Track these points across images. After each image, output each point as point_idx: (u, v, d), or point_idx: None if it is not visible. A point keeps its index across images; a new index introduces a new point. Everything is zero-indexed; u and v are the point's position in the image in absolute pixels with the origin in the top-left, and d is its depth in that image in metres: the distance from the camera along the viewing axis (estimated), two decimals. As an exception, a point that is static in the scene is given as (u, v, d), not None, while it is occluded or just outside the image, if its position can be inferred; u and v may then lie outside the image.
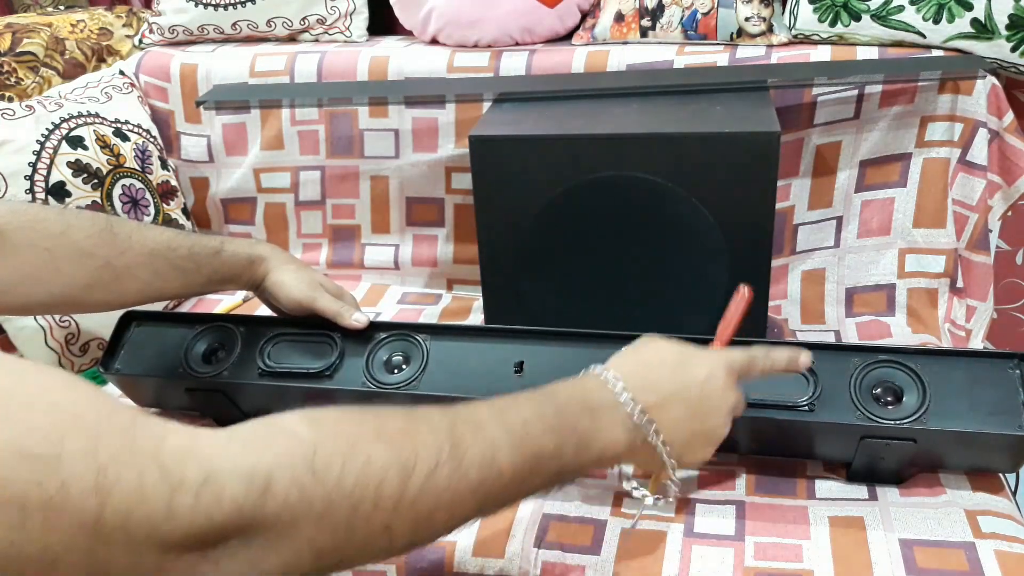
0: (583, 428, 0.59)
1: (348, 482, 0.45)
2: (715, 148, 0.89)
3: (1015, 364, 0.77)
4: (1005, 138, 1.11)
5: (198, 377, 0.92)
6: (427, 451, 0.49)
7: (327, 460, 0.45)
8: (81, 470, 0.38)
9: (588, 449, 0.59)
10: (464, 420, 0.53)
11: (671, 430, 0.64)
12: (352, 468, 0.46)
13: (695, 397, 0.65)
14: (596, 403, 0.61)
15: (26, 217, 0.75)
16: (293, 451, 0.45)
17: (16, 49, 1.34)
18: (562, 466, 0.57)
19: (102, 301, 0.81)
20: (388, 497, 0.47)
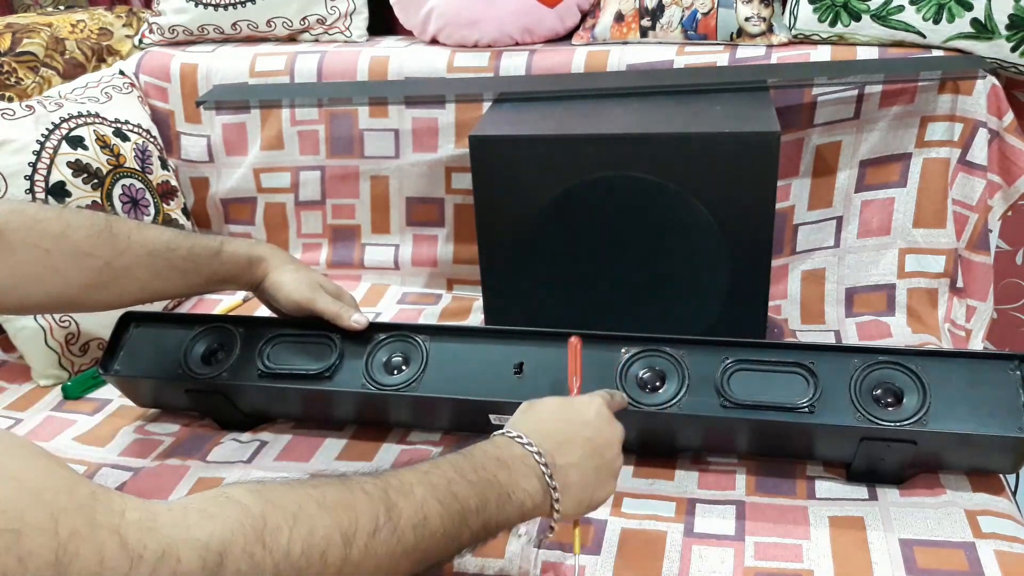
0: (501, 481, 0.61)
1: (295, 552, 0.47)
2: (715, 148, 0.89)
3: (1015, 365, 0.77)
4: (1005, 138, 1.11)
5: (197, 378, 0.92)
6: (365, 518, 0.51)
7: (275, 531, 0.47)
8: (40, 545, 0.38)
9: (509, 500, 0.61)
10: (395, 486, 0.55)
11: (574, 473, 0.66)
12: (298, 537, 0.47)
13: (587, 437, 0.68)
14: (507, 457, 0.63)
15: (25, 217, 0.74)
16: (244, 522, 0.46)
17: (16, 49, 1.34)
18: (486, 520, 0.59)
19: (101, 301, 0.81)
20: (332, 564, 0.49)
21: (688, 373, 0.81)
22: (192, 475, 0.88)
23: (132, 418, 1.01)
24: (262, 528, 0.46)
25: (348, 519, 0.50)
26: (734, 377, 0.81)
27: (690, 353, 0.82)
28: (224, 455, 0.92)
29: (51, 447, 0.96)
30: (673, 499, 0.81)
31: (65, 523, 0.39)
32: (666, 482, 0.84)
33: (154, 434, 0.98)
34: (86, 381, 1.08)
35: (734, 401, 0.79)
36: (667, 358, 0.83)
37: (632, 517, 0.79)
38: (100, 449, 0.96)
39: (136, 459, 0.93)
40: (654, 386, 0.82)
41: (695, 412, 0.80)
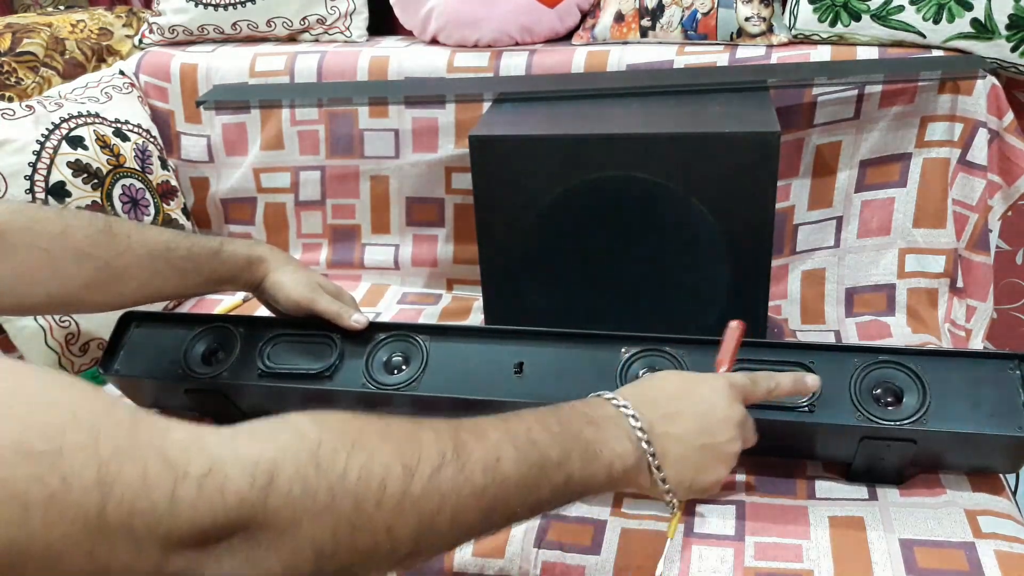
0: (587, 437, 0.58)
1: (351, 477, 0.45)
2: (715, 148, 0.89)
3: (1015, 365, 0.77)
4: (1005, 138, 1.11)
5: (197, 378, 0.92)
6: (430, 451, 0.49)
7: (331, 454, 0.45)
8: (82, 465, 0.37)
9: (596, 459, 0.58)
10: (467, 428, 0.53)
11: (677, 446, 0.63)
12: (355, 463, 0.45)
13: (700, 412, 0.65)
14: (598, 416, 0.61)
15: (24, 217, 0.74)
16: (297, 445, 0.45)
17: (16, 49, 1.34)
18: (569, 476, 0.56)
19: (101, 301, 0.81)
20: (391, 495, 0.46)
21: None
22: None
23: (132, 418, 1.01)
24: (316, 450, 0.45)
25: (411, 450, 0.48)
26: (734, 377, 0.81)
27: (690, 353, 0.82)
28: (224, 455, 0.92)
29: (51, 447, 0.96)
30: (673, 499, 0.81)
31: (106, 441, 0.38)
32: (666, 482, 0.84)
33: (154, 434, 0.98)
34: (86, 381, 1.08)
35: (734, 401, 0.79)
36: (667, 358, 0.83)
37: (632, 517, 0.79)
38: (100, 449, 0.95)
39: (136, 459, 0.93)
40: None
41: (695, 412, 0.80)
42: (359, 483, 0.45)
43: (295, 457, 0.44)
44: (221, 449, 0.42)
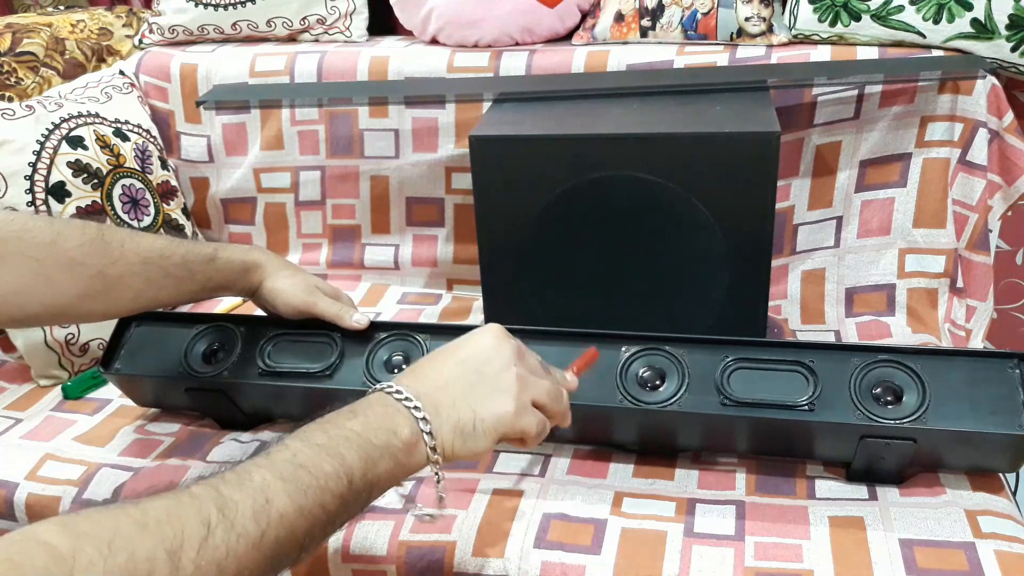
0: (356, 431, 0.58)
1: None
2: (715, 148, 0.89)
3: (1015, 364, 0.77)
4: (1005, 138, 1.11)
5: (198, 377, 0.92)
6: (192, 524, 0.47)
7: (87, 567, 0.43)
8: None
9: (373, 447, 0.57)
10: (229, 479, 0.51)
11: (445, 394, 0.62)
12: (115, 567, 0.43)
13: (465, 355, 0.65)
14: (361, 405, 0.60)
15: (14, 227, 0.73)
16: (50, 568, 0.42)
17: (16, 49, 1.34)
18: (351, 479, 0.56)
19: (96, 311, 0.80)
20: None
21: (688, 371, 0.81)
22: (192, 475, 0.88)
23: (132, 418, 1.01)
24: (71, 569, 0.42)
25: (172, 532, 0.46)
26: (734, 375, 0.81)
27: (690, 352, 0.82)
28: (224, 455, 0.92)
29: (51, 447, 0.96)
30: (673, 499, 0.81)
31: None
32: (666, 482, 0.84)
33: (154, 434, 0.98)
34: (86, 381, 1.08)
35: (734, 399, 0.79)
36: (667, 356, 0.83)
37: (632, 517, 0.79)
38: (100, 449, 0.96)
39: (136, 459, 0.93)
40: (654, 384, 0.82)
41: (695, 410, 0.80)
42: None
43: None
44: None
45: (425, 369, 0.65)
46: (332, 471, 0.55)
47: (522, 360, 0.67)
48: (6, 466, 0.93)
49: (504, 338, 0.67)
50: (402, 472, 0.60)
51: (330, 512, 0.54)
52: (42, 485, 0.90)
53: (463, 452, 0.63)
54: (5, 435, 0.99)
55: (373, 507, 0.67)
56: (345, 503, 0.56)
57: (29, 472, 0.92)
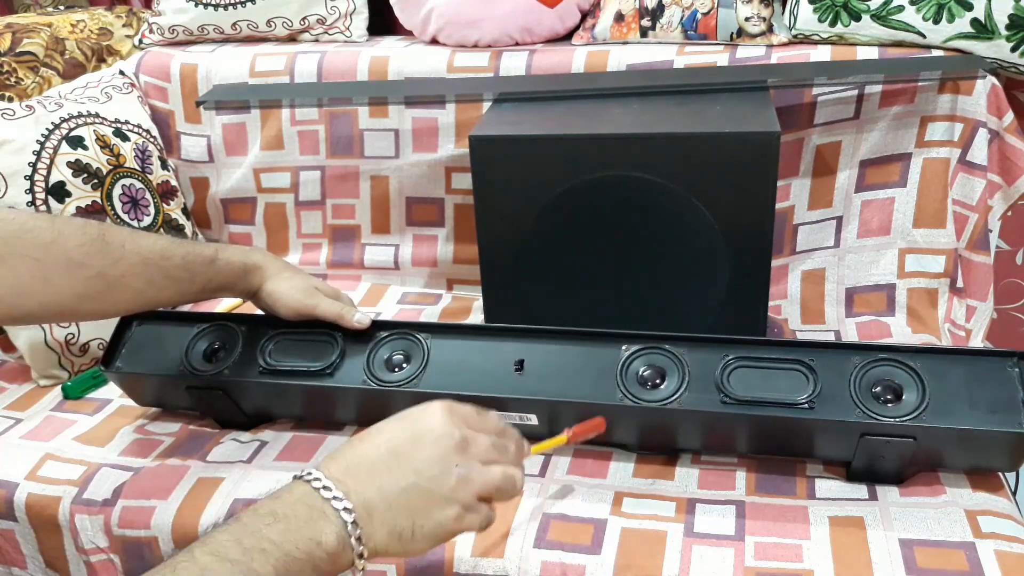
0: (275, 540, 0.52)
1: None
2: (715, 148, 0.89)
3: (1014, 362, 0.77)
4: (1005, 138, 1.11)
5: (199, 375, 0.92)
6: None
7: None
8: None
9: (293, 560, 0.52)
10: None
11: (381, 500, 0.56)
12: None
13: (404, 452, 0.58)
14: (284, 506, 0.54)
15: (14, 226, 0.73)
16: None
17: (16, 49, 1.34)
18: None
19: (95, 311, 0.80)
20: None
21: (688, 370, 0.81)
22: (192, 475, 0.88)
23: (132, 418, 1.01)
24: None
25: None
26: (734, 374, 0.81)
27: (690, 350, 0.82)
28: (224, 455, 0.92)
29: (51, 447, 0.96)
30: (673, 499, 0.81)
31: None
32: (666, 482, 0.84)
33: (154, 434, 0.98)
34: (86, 381, 1.08)
35: (734, 397, 0.79)
36: (667, 355, 0.83)
37: (632, 517, 0.79)
38: (100, 449, 0.96)
39: (136, 459, 0.93)
40: (654, 383, 0.82)
41: (695, 408, 0.80)
42: None
43: None
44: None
45: (357, 458, 0.58)
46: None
47: (466, 453, 0.60)
48: (6, 466, 0.93)
49: (448, 427, 0.60)
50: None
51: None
52: (42, 485, 0.90)
53: (398, 554, 0.58)
54: (5, 435, 0.99)
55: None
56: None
57: (29, 472, 0.92)
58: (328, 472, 0.57)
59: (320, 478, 0.56)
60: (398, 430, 0.60)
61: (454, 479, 0.59)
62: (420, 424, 0.60)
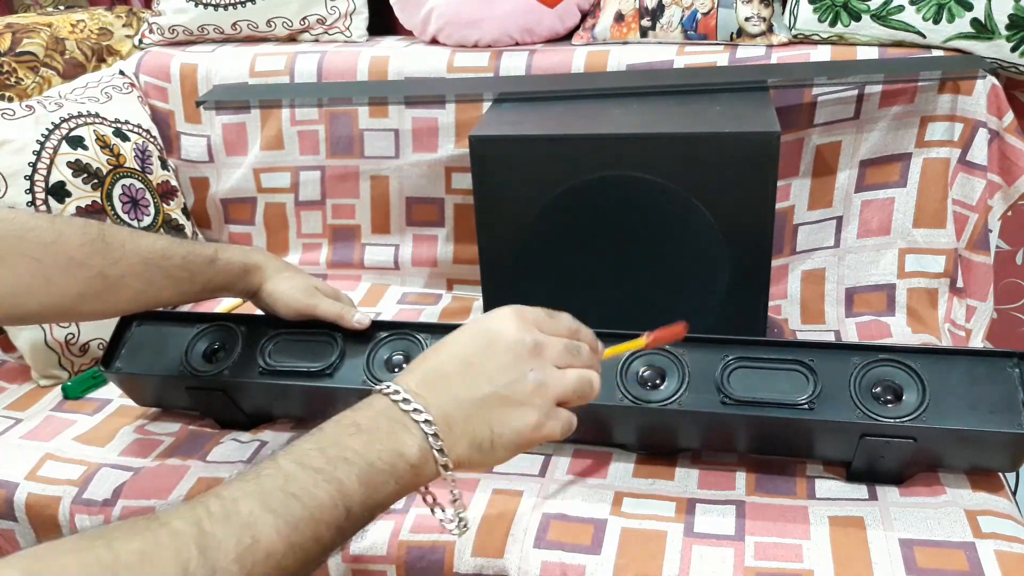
0: (358, 451, 0.52)
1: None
2: (715, 148, 0.89)
3: (1014, 363, 0.77)
4: (1005, 138, 1.11)
5: (199, 376, 0.92)
6: (169, 568, 0.43)
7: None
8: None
9: (375, 471, 0.52)
10: (212, 510, 0.46)
11: (459, 409, 0.56)
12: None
13: (478, 360, 0.57)
14: (365, 418, 0.54)
15: (15, 226, 0.73)
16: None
17: (16, 49, 1.34)
18: (349, 508, 0.51)
19: (95, 311, 0.79)
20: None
21: (688, 370, 0.81)
22: (192, 475, 0.88)
23: (132, 418, 1.02)
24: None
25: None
26: (734, 374, 0.81)
27: (690, 351, 0.82)
28: (224, 455, 0.92)
29: (51, 447, 0.96)
30: (673, 499, 0.81)
31: None
32: (666, 482, 0.84)
33: (154, 434, 0.98)
34: (86, 381, 1.08)
35: (734, 398, 0.79)
36: (667, 355, 0.83)
37: (632, 517, 0.79)
38: (100, 449, 0.96)
39: (136, 459, 0.93)
40: (654, 383, 0.82)
41: (695, 408, 0.80)
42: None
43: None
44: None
45: (432, 371, 0.58)
46: (329, 500, 0.50)
47: (540, 357, 0.59)
48: (6, 466, 0.93)
49: (520, 332, 0.58)
50: (406, 492, 0.55)
51: (324, 544, 0.50)
52: (42, 485, 0.90)
53: (480, 466, 0.57)
54: (5, 435, 1.00)
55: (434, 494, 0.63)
56: (342, 532, 0.51)
57: (29, 472, 0.92)
58: (406, 385, 0.56)
59: (400, 390, 0.56)
60: (470, 339, 0.59)
61: (530, 385, 0.57)
62: (491, 332, 0.59)
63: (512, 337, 0.58)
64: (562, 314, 0.64)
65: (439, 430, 0.55)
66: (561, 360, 0.60)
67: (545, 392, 0.58)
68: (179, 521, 0.45)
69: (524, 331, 0.59)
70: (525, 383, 0.57)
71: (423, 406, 0.55)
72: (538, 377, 0.58)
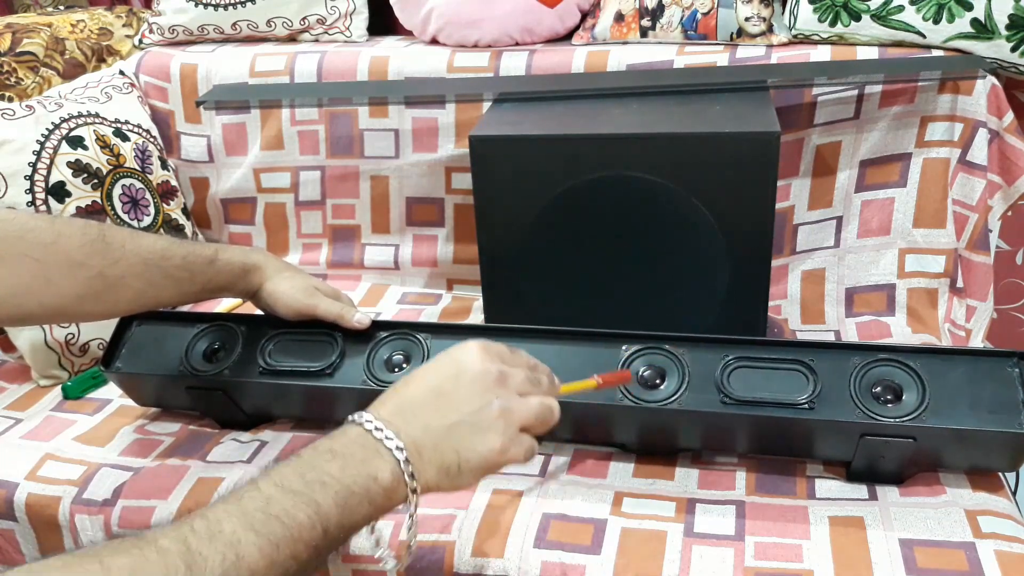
0: (335, 476, 0.55)
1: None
2: (715, 148, 0.89)
3: (1014, 363, 0.77)
4: (1005, 138, 1.11)
5: (199, 375, 0.92)
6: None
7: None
8: None
9: (351, 494, 0.55)
10: (197, 530, 0.49)
11: (428, 436, 0.59)
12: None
13: (445, 390, 0.61)
14: (341, 445, 0.57)
15: (15, 227, 0.72)
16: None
17: (16, 49, 1.34)
18: (326, 528, 0.53)
19: (95, 311, 0.79)
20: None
21: (688, 370, 0.81)
22: (192, 475, 0.88)
23: (132, 418, 1.02)
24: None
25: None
26: (734, 374, 0.81)
27: (690, 350, 0.82)
28: (224, 455, 0.92)
29: (51, 447, 0.96)
30: (673, 499, 0.81)
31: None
32: (666, 482, 0.84)
33: (154, 434, 0.98)
34: (86, 381, 1.08)
35: (734, 398, 0.79)
36: (667, 355, 0.83)
37: (632, 517, 0.79)
38: (100, 449, 0.96)
39: (136, 459, 0.93)
40: (654, 383, 0.82)
41: (695, 408, 0.80)
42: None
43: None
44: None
45: (404, 401, 0.61)
46: (307, 521, 0.52)
47: (505, 385, 0.62)
48: (6, 466, 0.93)
49: (485, 363, 0.62)
50: (379, 514, 0.58)
51: (302, 562, 0.52)
52: (42, 485, 0.90)
53: (447, 489, 0.60)
54: (5, 435, 1.00)
55: (378, 536, 0.64)
56: (318, 552, 0.53)
57: (29, 472, 0.92)
58: (378, 415, 0.60)
59: (372, 420, 0.59)
60: (439, 371, 0.63)
61: (495, 411, 0.61)
62: (459, 364, 0.63)
63: (478, 368, 0.62)
64: (520, 350, 0.68)
65: (410, 455, 0.58)
66: (523, 388, 0.64)
67: (510, 417, 0.61)
68: (165, 540, 0.47)
69: (489, 362, 0.63)
70: (491, 410, 0.61)
71: (394, 433, 0.58)
72: (503, 404, 0.61)
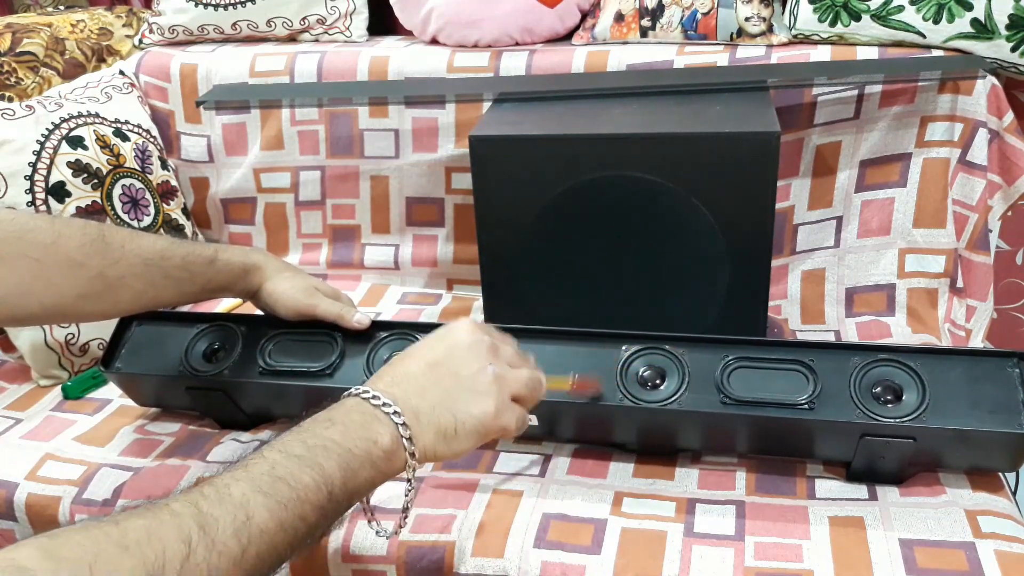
0: (336, 440, 0.57)
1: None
2: (715, 148, 0.89)
3: (1014, 363, 0.77)
4: (1005, 138, 1.11)
5: (199, 376, 0.92)
6: (174, 544, 0.47)
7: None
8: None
9: (353, 456, 0.57)
10: (208, 494, 0.51)
11: (424, 400, 0.62)
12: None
13: (439, 358, 0.64)
14: (339, 413, 0.59)
15: (15, 227, 0.72)
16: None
17: (16, 49, 1.34)
18: (331, 491, 0.55)
19: (95, 311, 0.79)
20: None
21: (688, 370, 0.81)
22: (192, 475, 0.88)
23: (132, 418, 1.02)
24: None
25: (154, 552, 0.45)
26: (734, 374, 0.81)
27: (690, 350, 0.82)
28: (224, 455, 0.92)
29: (51, 447, 0.96)
30: (673, 499, 0.81)
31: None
32: (666, 482, 0.84)
33: (154, 434, 0.98)
34: (86, 381, 1.08)
35: (734, 398, 0.79)
36: (667, 355, 0.83)
37: (632, 517, 0.79)
38: (100, 449, 0.96)
39: (136, 459, 0.93)
40: (654, 383, 0.82)
41: (695, 408, 0.80)
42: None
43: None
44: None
45: (399, 373, 0.64)
46: (312, 483, 0.54)
47: (497, 355, 0.66)
48: (6, 466, 0.93)
49: (478, 334, 0.67)
50: (382, 479, 0.60)
51: (310, 524, 0.54)
52: (42, 485, 0.90)
53: (445, 455, 0.63)
54: (5, 435, 1.00)
55: (372, 507, 0.67)
56: (325, 514, 0.55)
57: (29, 472, 0.92)
58: (374, 386, 0.62)
59: (369, 390, 0.61)
60: (433, 346, 0.66)
61: (489, 376, 0.64)
62: (453, 335, 0.67)
63: (472, 338, 0.66)
64: (508, 335, 0.72)
65: (407, 420, 0.60)
66: (514, 361, 0.68)
67: (503, 383, 0.65)
68: (177, 504, 0.49)
69: (482, 332, 0.67)
70: (485, 374, 0.64)
71: (391, 400, 0.61)
72: (496, 371, 0.65)
